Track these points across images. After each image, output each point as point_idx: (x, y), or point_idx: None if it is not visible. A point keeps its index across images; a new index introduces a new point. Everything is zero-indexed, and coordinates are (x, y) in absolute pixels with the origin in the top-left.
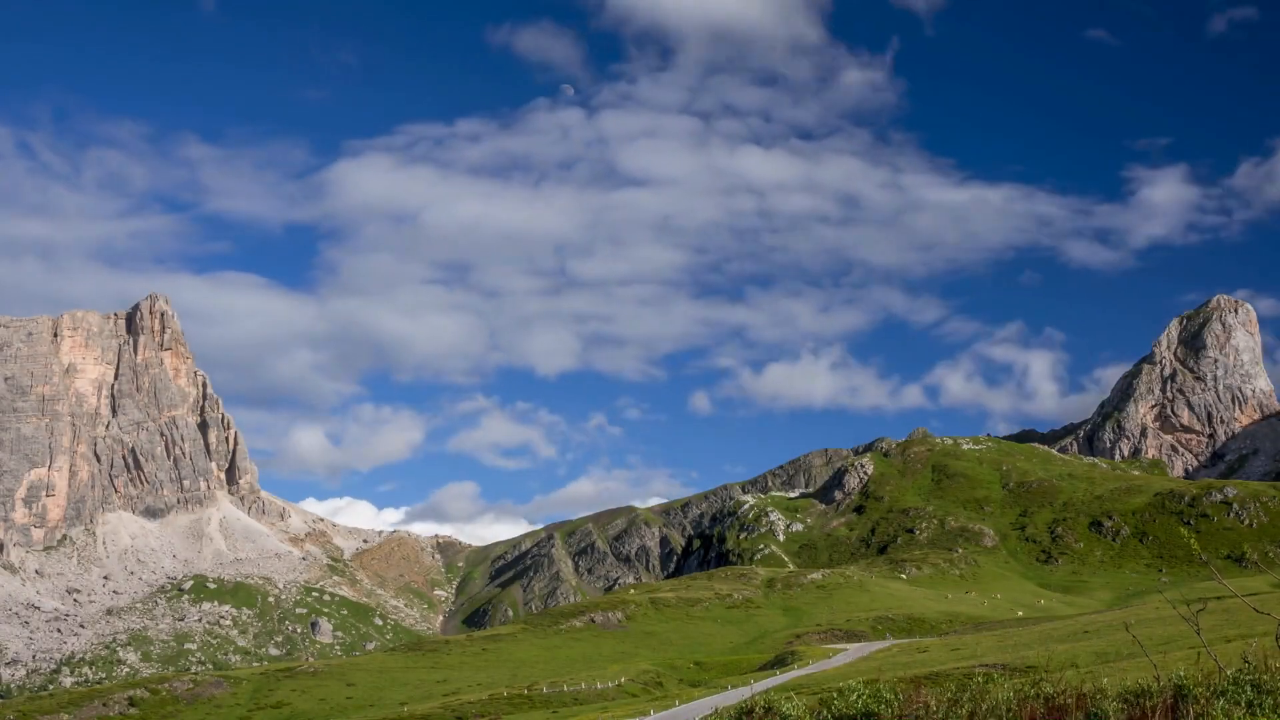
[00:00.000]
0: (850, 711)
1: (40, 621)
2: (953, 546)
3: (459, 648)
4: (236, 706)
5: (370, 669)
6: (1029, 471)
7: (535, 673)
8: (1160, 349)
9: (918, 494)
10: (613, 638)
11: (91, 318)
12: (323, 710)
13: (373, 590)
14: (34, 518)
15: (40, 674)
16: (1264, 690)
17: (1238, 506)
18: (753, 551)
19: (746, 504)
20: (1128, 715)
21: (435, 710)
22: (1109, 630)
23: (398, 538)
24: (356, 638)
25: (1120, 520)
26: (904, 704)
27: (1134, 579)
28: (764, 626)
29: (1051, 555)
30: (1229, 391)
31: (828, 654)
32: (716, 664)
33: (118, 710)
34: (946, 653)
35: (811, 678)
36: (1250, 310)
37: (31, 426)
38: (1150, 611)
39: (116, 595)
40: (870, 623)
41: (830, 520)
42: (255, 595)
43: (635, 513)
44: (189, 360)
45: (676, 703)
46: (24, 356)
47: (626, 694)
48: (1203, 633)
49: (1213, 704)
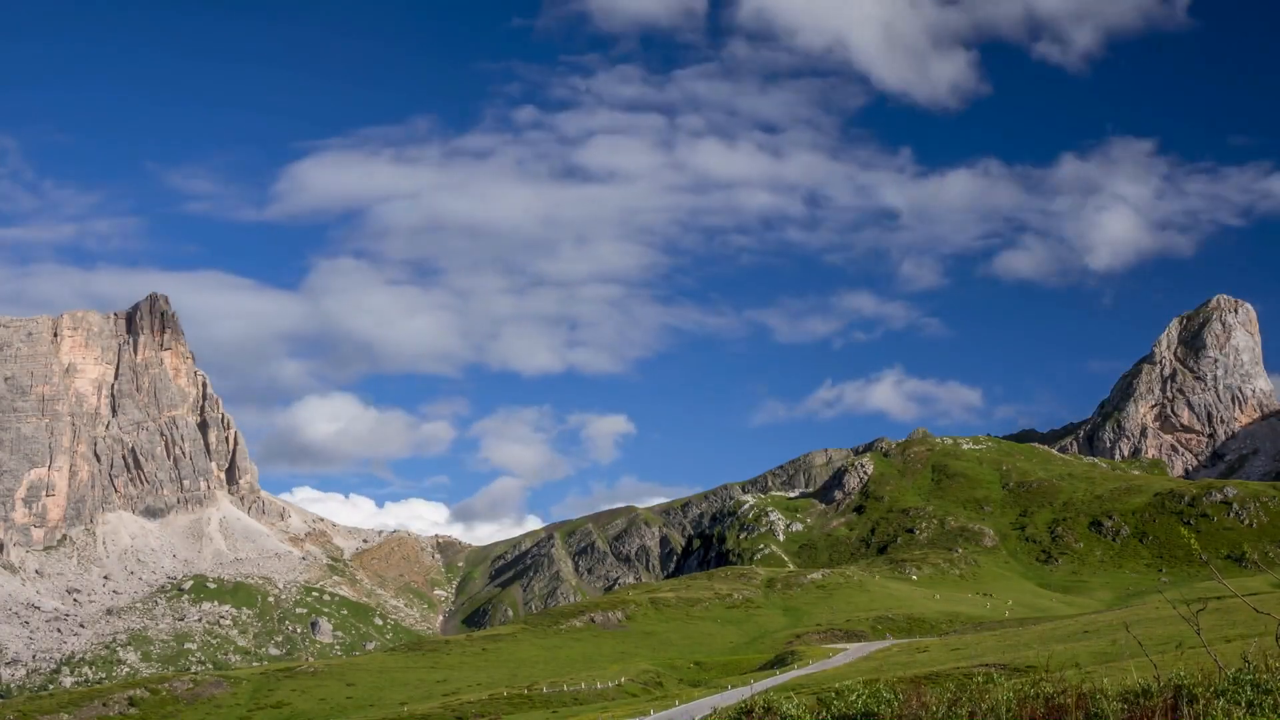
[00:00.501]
0: (850, 711)
1: (40, 621)
2: (953, 546)
3: (459, 648)
4: (236, 706)
5: (370, 669)
6: (1029, 471)
7: (535, 673)
8: (1160, 349)
9: (918, 494)
10: (613, 638)
11: (91, 318)
12: (323, 710)
13: (373, 590)
14: (34, 518)
15: (40, 674)
16: (1264, 690)
17: (1238, 506)
18: (753, 551)
19: (746, 504)
20: (1128, 715)
21: (435, 710)
22: (1109, 630)
23: (398, 538)
24: (356, 638)
25: (1120, 520)
26: (904, 704)
27: (1134, 579)
28: (764, 626)
29: (1051, 555)
30: (1229, 391)
31: (828, 654)
32: (716, 664)
33: (118, 710)
34: (946, 653)
35: (811, 678)
36: (1250, 310)
37: (31, 426)
38: (1150, 611)
39: (116, 595)
40: (870, 623)
41: (830, 520)
42: (255, 595)
43: (635, 513)
44: (189, 360)
45: (676, 703)
46: (24, 356)
47: (626, 694)
48: (1203, 633)
49: (1213, 704)
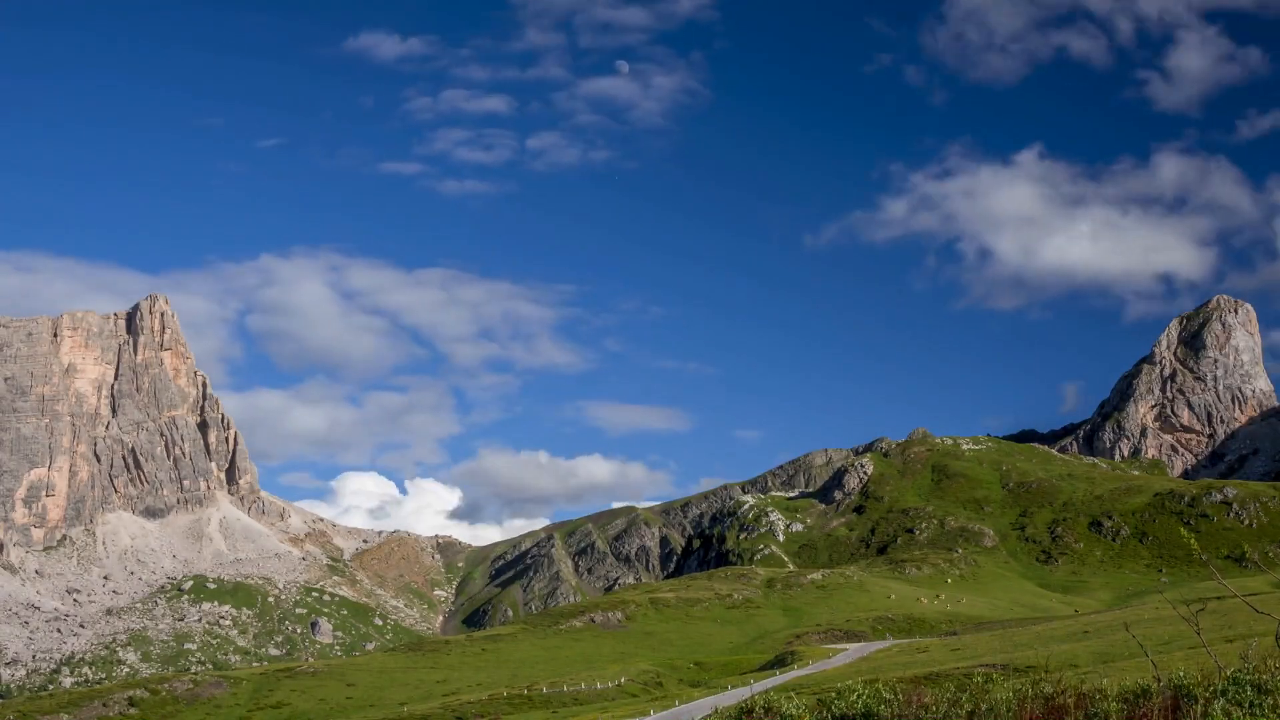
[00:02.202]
0: (850, 711)
1: (40, 622)
2: (952, 547)
3: (459, 648)
4: (236, 707)
5: (370, 669)
6: (1029, 472)
7: (535, 673)
8: (1160, 349)
9: (917, 494)
10: (613, 638)
11: (91, 318)
12: (322, 710)
13: (372, 590)
14: (34, 518)
15: (40, 674)
16: (1264, 690)
17: (1238, 506)
18: (753, 552)
19: (746, 504)
20: (1128, 715)
21: (435, 710)
22: (1109, 630)
23: (398, 538)
24: (356, 638)
25: (1120, 520)
26: (904, 704)
27: (1134, 579)
28: (764, 626)
29: (1051, 555)
30: (1229, 391)
31: (828, 654)
32: (716, 664)
33: (117, 710)
34: (946, 653)
35: (811, 678)
36: (1250, 310)
37: (31, 426)
38: (1150, 611)
39: (116, 595)
40: (870, 623)
41: (830, 520)
42: (255, 595)
43: (635, 513)
44: (189, 360)
45: (676, 703)
46: (24, 357)
47: (626, 694)
48: (1203, 633)
49: (1213, 704)
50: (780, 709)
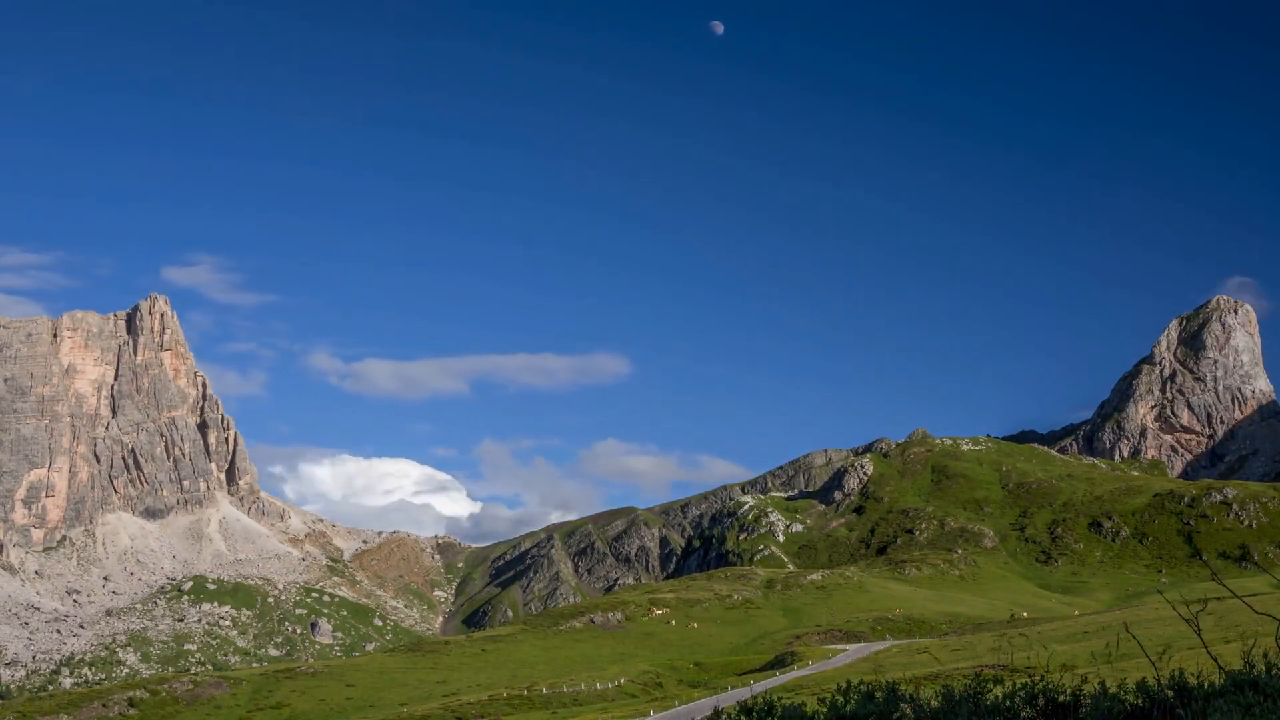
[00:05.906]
0: (850, 711)
1: (40, 622)
2: (952, 547)
3: (459, 648)
4: (236, 707)
5: (370, 670)
6: (1028, 472)
7: (535, 673)
8: (1160, 349)
9: (917, 494)
10: (612, 638)
11: (91, 318)
12: (322, 711)
13: (372, 591)
14: (34, 518)
15: (40, 675)
16: (1264, 691)
17: (1237, 507)
18: (752, 552)
19: (746, 504)
20: (1127, 715)
21: (435, 711)
22: (1109, 631)
23: (397, 538)
24: (356, 638)
25: (1120, 521)
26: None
27: (1134, 579)
28: (764, 627)
29: (1051, 556)
30: (1229, 392)
31: (827, 655)
32: (716, 664)
33: (117, 711)
34: (946, 653)
35: (811, 678)
36: (1250, 310)
37: (31, 427)
38: (1150, 612)
39: (116, 596)
40: (870, 623)
41: (830, 521)
42: (255, 596)
43: (635, 513)
44: (189, 361)
45: (676, 703)
46: (24, 357)
47: (626, 694)
48: (1203, 633)
49: (1213, 704)
50: (780, 709)
